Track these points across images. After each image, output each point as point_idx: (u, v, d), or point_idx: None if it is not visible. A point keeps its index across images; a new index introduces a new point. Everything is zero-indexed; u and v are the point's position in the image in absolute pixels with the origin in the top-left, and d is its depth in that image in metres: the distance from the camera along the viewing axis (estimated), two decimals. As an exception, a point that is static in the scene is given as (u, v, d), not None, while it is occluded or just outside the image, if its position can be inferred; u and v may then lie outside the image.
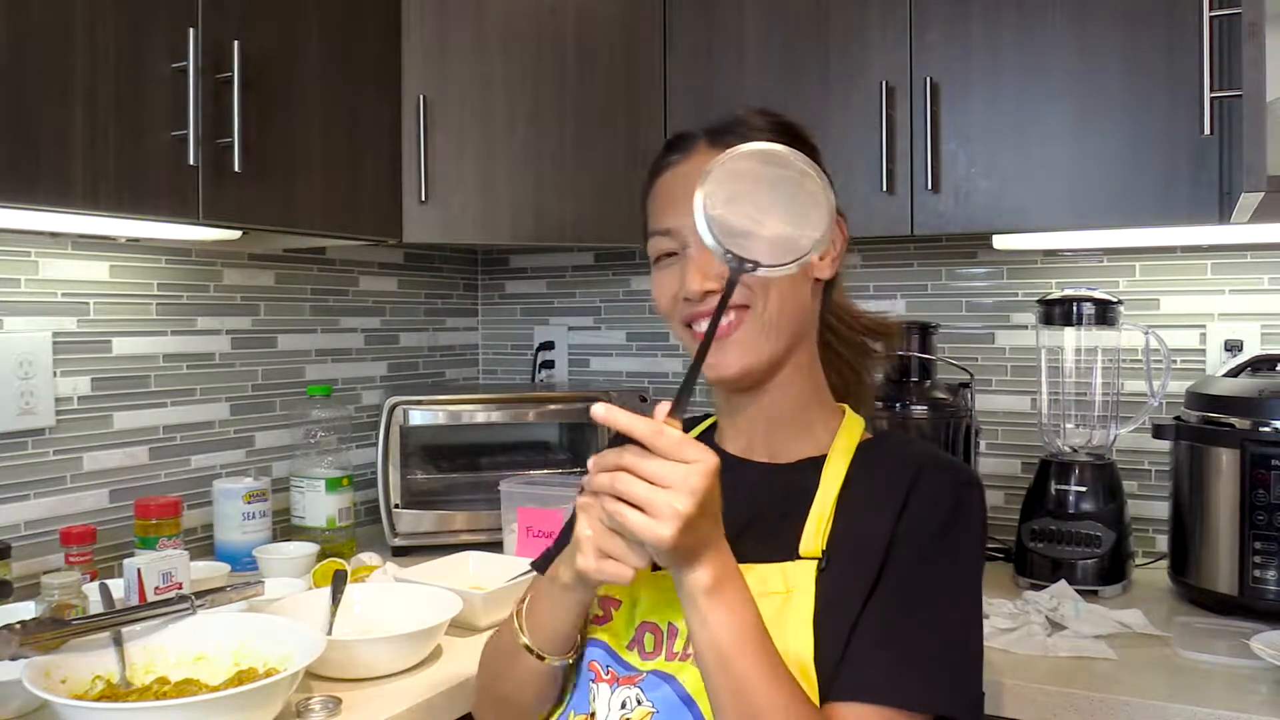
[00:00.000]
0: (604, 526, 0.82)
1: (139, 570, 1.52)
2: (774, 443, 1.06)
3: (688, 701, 0.93)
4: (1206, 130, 1.36)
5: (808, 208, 0.84)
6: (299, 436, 2.04)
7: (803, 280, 1.01)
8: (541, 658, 0.99)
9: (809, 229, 0.83)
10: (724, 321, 0.97)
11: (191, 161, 1.46)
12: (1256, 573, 1.54)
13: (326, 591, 1.53)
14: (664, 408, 0.82)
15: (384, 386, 2.31)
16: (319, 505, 1.96)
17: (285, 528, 2.01)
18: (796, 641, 0.91)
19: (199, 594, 1.39)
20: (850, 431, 1.05)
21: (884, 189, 1.75)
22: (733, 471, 1.02)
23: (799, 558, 0.95)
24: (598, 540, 0.83)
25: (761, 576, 0.94)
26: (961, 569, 0.96)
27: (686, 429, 1.05)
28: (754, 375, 1.02)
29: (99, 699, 1.19)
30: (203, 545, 1.92)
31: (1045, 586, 1.68)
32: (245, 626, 1.34)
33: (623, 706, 0.97)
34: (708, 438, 1.12)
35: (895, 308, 2.14)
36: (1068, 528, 1.73)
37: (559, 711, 1.04)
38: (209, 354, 1.95)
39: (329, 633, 1.45)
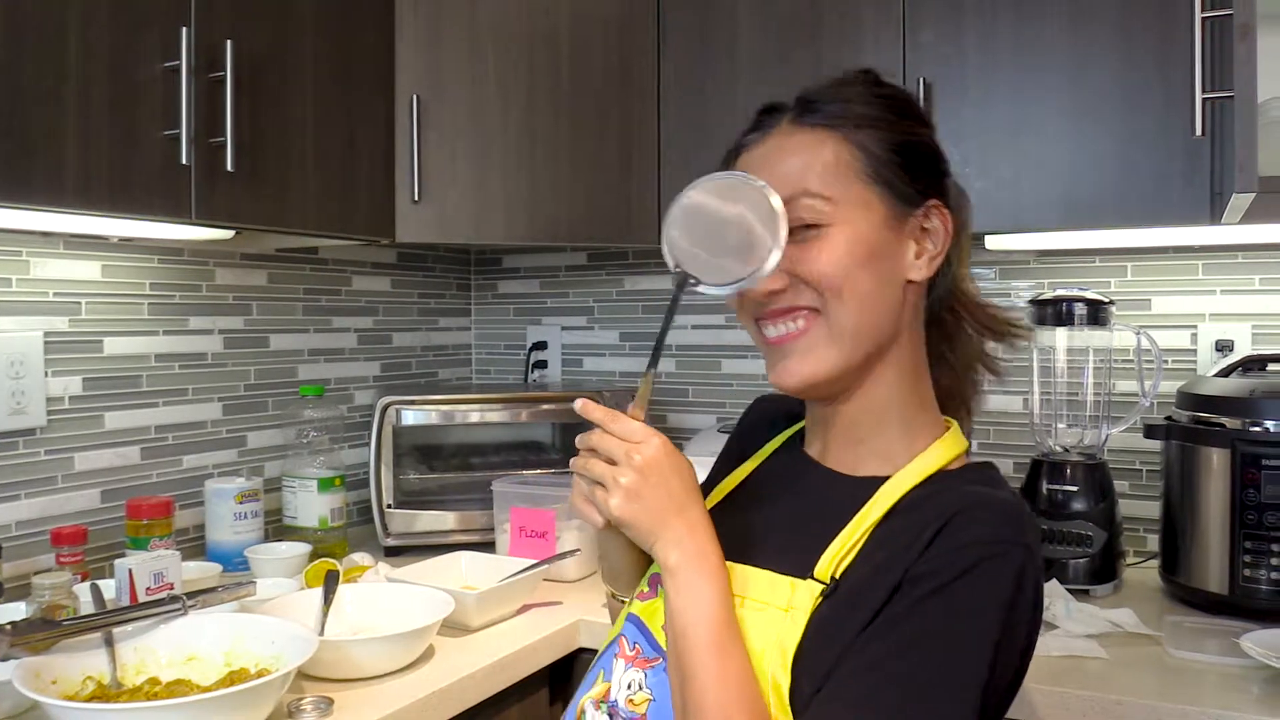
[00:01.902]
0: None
1: (130, 571, 1.52)
2: (846, 452, 0.99)
3: None
4: (1198, 131, 1.37)
5: (752, 240, 0.88)
6: (291, 436, 2.04)
7: (887, 282, 0.92)
8: (614, 595, 1.12)
9: (752, 260, 0.88)
10: (791, 329, 0.93)
11: (184, 161, 1.45)
12: (1247, 572, 1.55)
13: (318, 592, 1.53)
14: (634, 407, 0.92)
15: (376, 386, 2.31)
16: (311, 505, 1.96)
17: (277, 528, 2.01)
18: (775, 659, 0.87)
19: (190, 594, 1.38)
20: (939, 455, 0.95)
21: (877, 189, 1.75)
22: (800, 471, 1.02)
23: (811, 577, 0.89)
24: (582, 489, 0.94)
25: (770, 584, 0.91)
26: (955, 628, 0.82)
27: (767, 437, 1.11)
28: (821, 386, 0.95)
29: (90, 700, 1.19)
30: (194, 545, 1.91)
31: (1037, 586, 1.68)
32: (237, 627, 1.33)
33: (628, 687, 0.96)
34: (795, 440, 1.09)
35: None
36: (1059, 527, 1.73)
37: (590, 667, 1.04)
38: (201, 354, 1.95)
39: (321, 633, 1.44)
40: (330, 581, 1.54)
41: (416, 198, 1.84)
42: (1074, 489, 1.76)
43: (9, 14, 1.26)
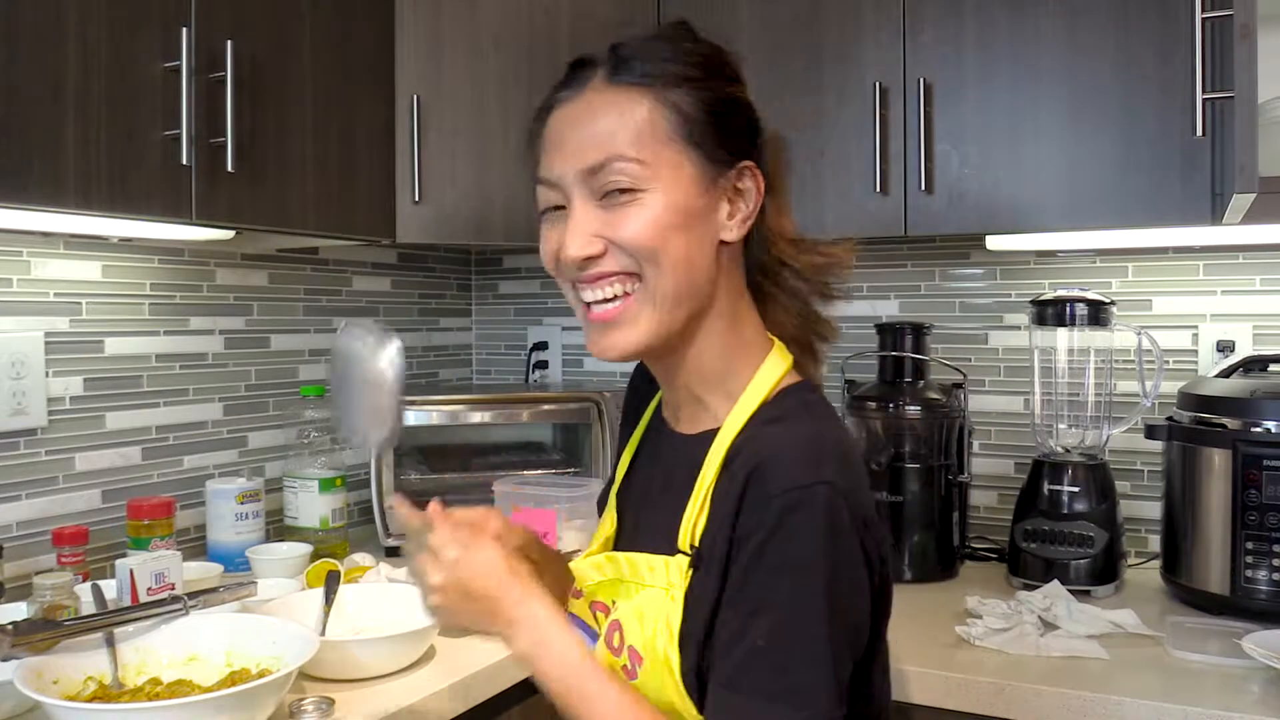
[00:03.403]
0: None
1: (131, 571, 1.52)
2: (690, 412, 1.00)
3: None
4: (1199, 131, 1.37)
5: (375, 411, 0.99)
6: (292, 437, 2.04)
7: (701, 244, 0.91)
8: None
9: (374, 428, 0.99)
10: (610, 306, 0.92)
11: (184, 161, 1.45)
12: (1248, 573, 1.54)
13: (319, 592, 1.53)
14: (435, 504, 0.96)
15: (377, 387, 2.30)
16: (312, 506, 1.96)
17: (278, 528, 2.00)
18: (666, 638, 0.89)
19: (191, 594, 1.38)
20: (756, 389, 0.94)
21: (877, 190, 1.76)
22: (661, 440, 1.05)
23: (678, 551, 0.91)
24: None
25: (649, 566, 0.94)
26: (787, 584, 0.82)
27: (645, 399, 1.10)
28: (641, 354, 0.96)
29: (91, 700, 1.19)
30: (195, 546, 1.91)
31: (1038, 586, 1.68)
32: (238, 627, 1.33)
33: None
34: (661, 405, 1.09)
35: (888, 308, 2.14)
36: (1060, 528, 1.73)
37: None
38: (202, 354, 1.95)
39: (322, 633, 1.44)
40: (331, 582, 1.54)
41: (417, 198, 1.84)
42: (1075, 490, 1.76)
43: (6, 15, 1.26)
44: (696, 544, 0.90)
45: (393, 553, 1.99)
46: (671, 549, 0.93)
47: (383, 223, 1.83)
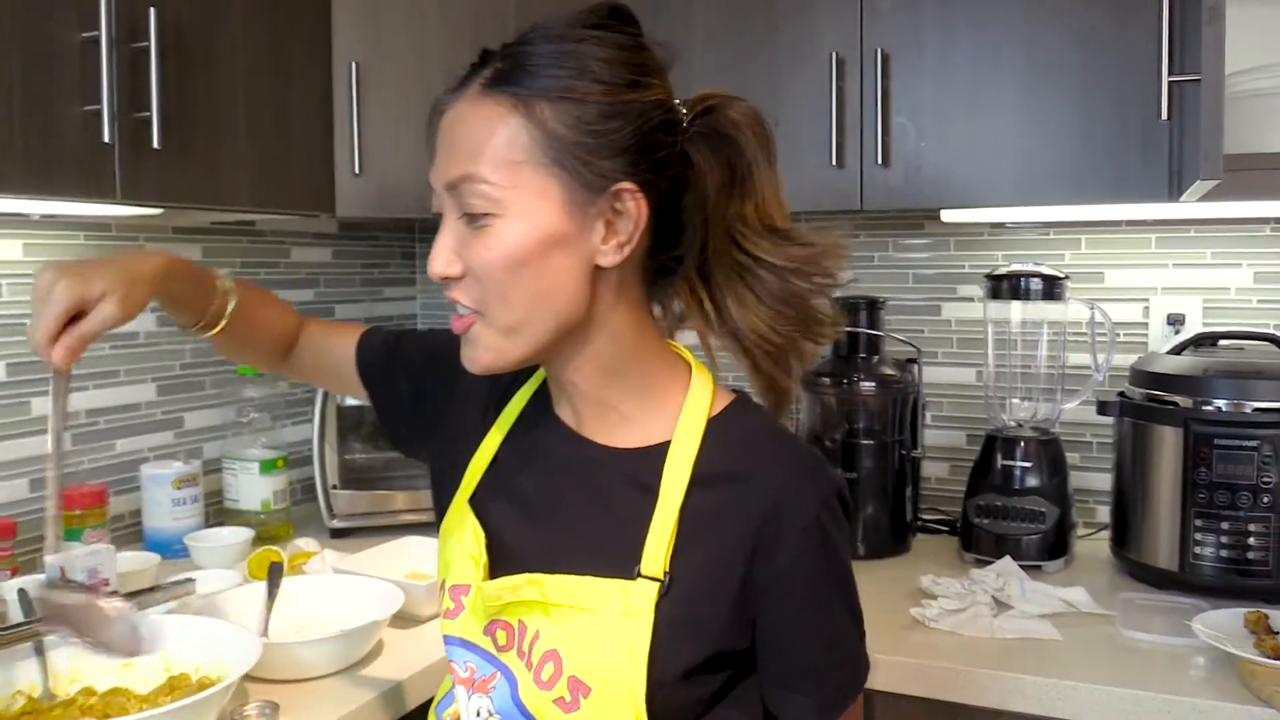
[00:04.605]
0: None
1: (61, 569, 1.45)
2: (602, 420, 0.93)
3: (523, 710, 0.90)
4: (1163, 115, 1.35)
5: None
6: (230, 415, 1.97)
7: (568, 272, 0.85)
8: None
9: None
10: (462, 318, 0.88)
11: (106, 139, 1.37)
12: (1197, 549, 1.56)
13: (262, 586, 1.47)
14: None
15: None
16: (253, 488, 1.90)
17: (217, 509, 1.94)
18: (630, 666, 0.85)
19: (126, 595, 1.33)
20: (696, 406, 0.91)
21: (833, 163, 1.72)
22: (565, 445, 0.95)
23: (640, 576, 0.86)
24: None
25: (601, 592, 0.87)
26: (844, 594, 0.93)
27: (514, 380, 1.02)
28: (510, 369, 0.91)
29: (20, 716, 1.13)
30: (131, 532, 1.84)
31: (990, 562, 1.69)
32: (176, 630, 1.28)
33: (476, 715, 0.93)
34: (543, 395, 1.00)
35: (842, 278, 2.11)
36: (1012, 504, 1.74)
37: (443, 693, 1.03)
38: (132, 333, 1.86)
39: (265, 631, 1.40)
40: (274, 575, 1.49)
41: (358, 170, 1.76)
42: (1027, 465, 1.76)
43: None
44: (668, 569, 0.86)
45: (339, 534, 1.95)
46: (624, 572, 0.87)
47: (321, 196, 1.75)
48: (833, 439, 1.80)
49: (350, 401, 1.95)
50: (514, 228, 0.83)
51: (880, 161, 1.70)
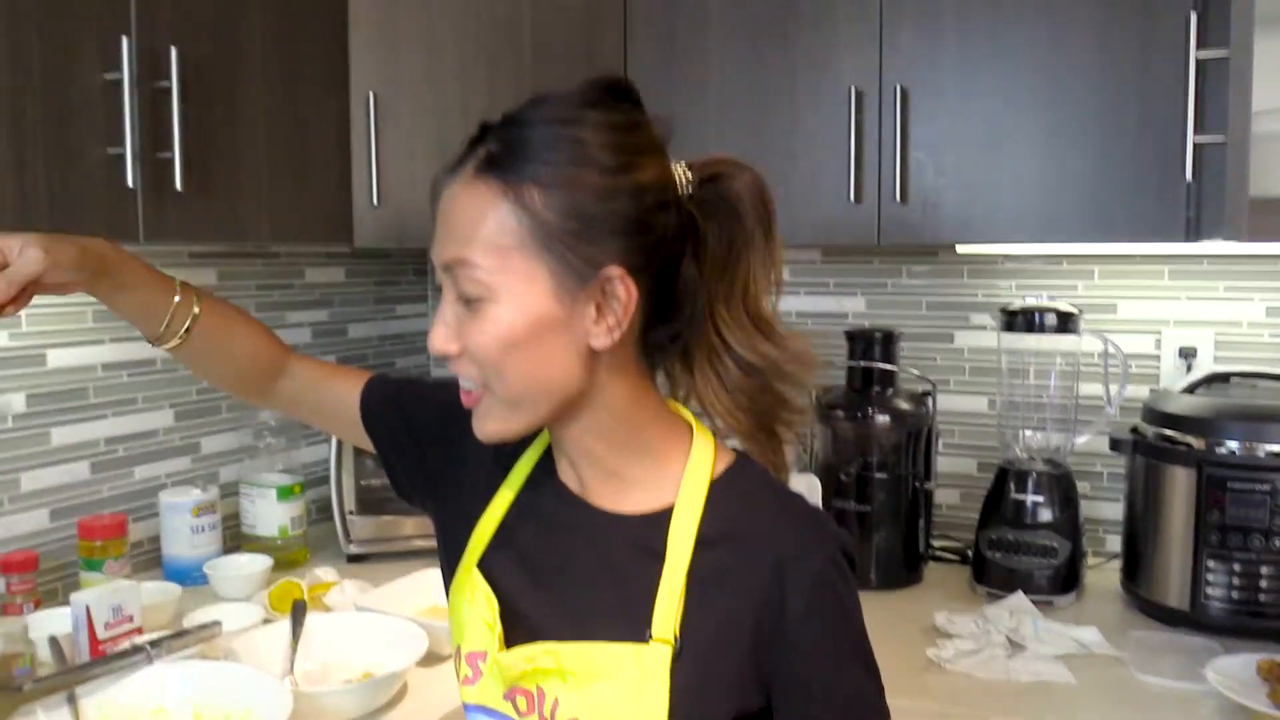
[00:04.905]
0: None
1: (87, 607, 1.47)
2: (606, 486, 0.94)
3: None
4: (1188, 175, 1.35)
5: None
6: (247, 439, 1.98)
7: (560, 353, 0.86)
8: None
9: None
10: (469, 392, 0.88)
11: (130, 183, 1.37)
12: (1209, 590, 1.58)
13: (285, 625, 1.49)
14: None
15: (333, 380, 2.23)
16: (270, 514, 1.91)
17: (234, 533, 1.95)
18: None
19: (154, 642, 1.35)
20: (697, 469, 0.92)
21: (851, 198, 1.72)
22: (570, 512, 0.95)
23: (652, 639, 0.87)
24: None
25: (615, 658, 0.88)
26: (858, 648, 0.90)
27: (521, 440, 0.99)
28: (516, 438, 0.92)
29: (56, 770, 1.15)
30: (149, 558, 1.86)
31: (1002, 595, 1.71)
32: (205, 677, 1.31)
33: None
34: (549, 458, 0.99)
35: (855, 305, 2.13)
36: (1025, 538, 1.75)
37: None
38: (149, 360, 1.86)
39: (291, 670, 1.41)
40: (297, 614, 1.50)
41: (376, 201, 1.76)
42: (1039, 499, 1.78)
43: None
44: (679, 632, 0.87)
45: (355, 559, 1.96)
46: (636, 636, 0.88)
47: (339, 227, 1.76)
48: (847, 472, 1.82)
49: (366, 428, 1.95)
50: (505, 312, 0.84)
51: (898, 198, 1.70)
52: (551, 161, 0.84)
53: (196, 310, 1.06)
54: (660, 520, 0.90)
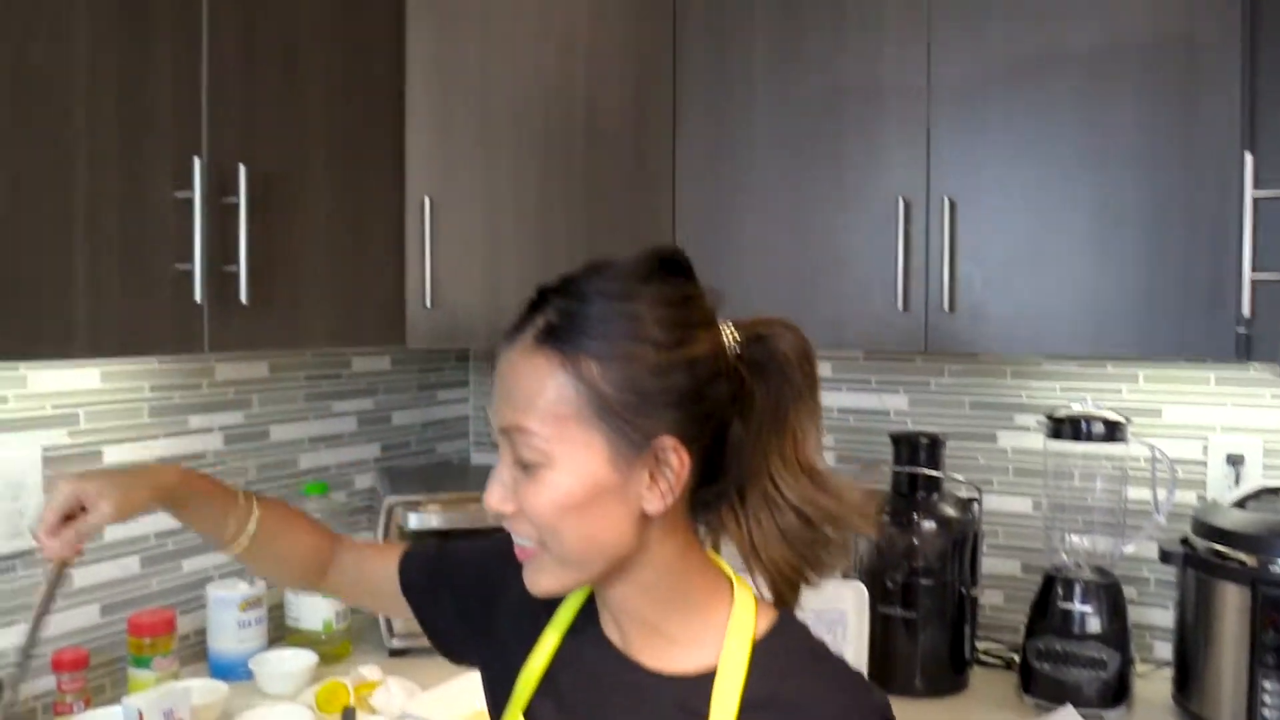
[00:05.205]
0: None
1: (140, 712, 1.48)
2: (648, 642, 0.95)
3: None
4: (1245, 310, 1.36)
5: None
6: (292, 530, 1.99)
7: (615, 517, 0.88)
8: None
9: None
10: (524, 547, 0.90)
11: (198, 299, 1.41)
12: (1265, 711, 1.56)
13: (335, 732, 1.50)
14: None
15: (376, 468, 2.26)
16: (315, 610, 1.91)
17: (278, 623, 1.96)
18: None
19: (209, 755, 1.35)
20: (740, 627, 0.92)
21: (899, 306, 1.74)
22: (612, 668, 0.96)
23: None
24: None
25: None
26: None
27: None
28: (568, 592, 0.95)
29: None
30: (195, 650, 1.87)
31: (1050, 708, 1.69)
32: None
33: None
34: (591, 608, 1.00)
35: (897, 403, 2.13)
36: (1073, 649, 1.74)
37: None
38: (201, 453, 1.89)
39: (340, 783, 1.42)
40: (347, 721, 1.51)
41: (429, 303, 1.79)
42: (1087, 609, 1.76)
43: (12, 160, 1.23)
44: None
45: (397, 654, 1.96)
46: None
47: (392, 329, 1.79)
48: (894, 580, 1.81)
49: (412, 522, 1.97)
50: (561, 478, 0.86)
51: (946, 307, 1.72)
52: (609, 336, 0.86)
53: (254, 522, 1.12)
54: (704, 683, 0.91)
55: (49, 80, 1.26)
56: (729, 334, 0.92)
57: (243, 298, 1.46)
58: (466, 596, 1.11)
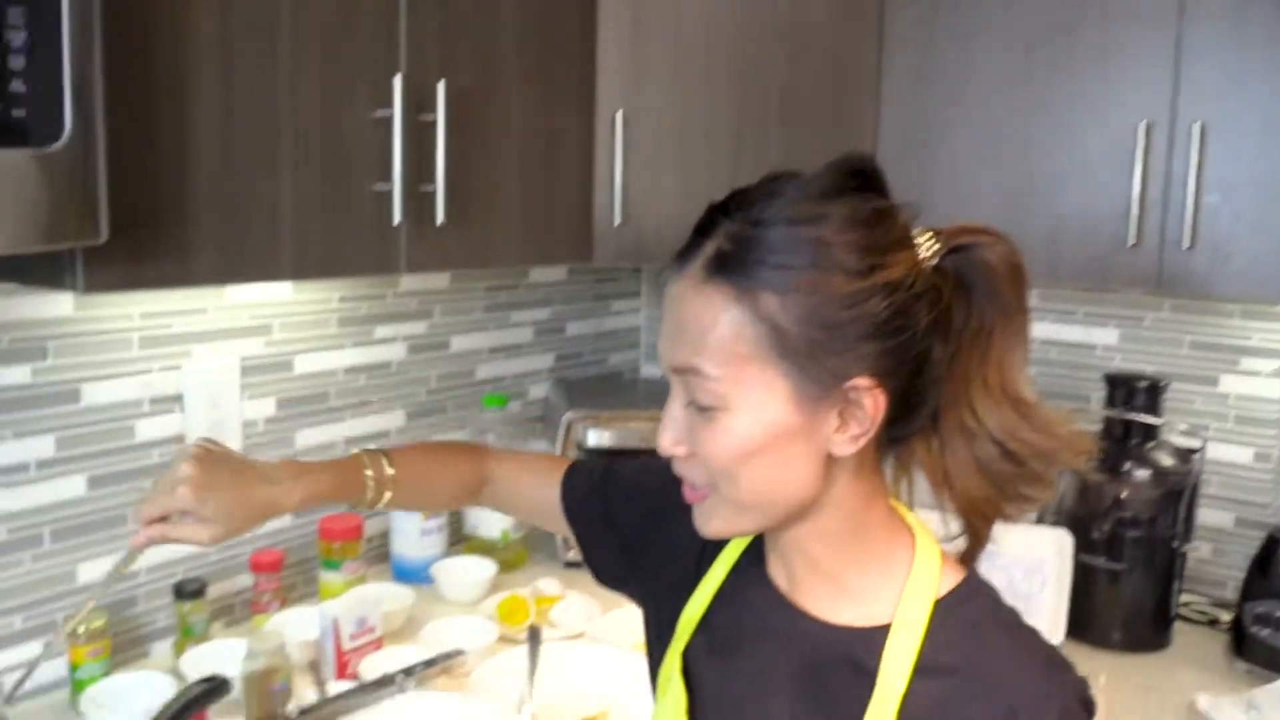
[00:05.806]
0: None
1: (335, 620, 1.53)
2: (818, 589, 0.87)
3: None
4: None
5: None
6: (472, 438, 2.01)
7: (798, 461, 0.80)
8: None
9: None
10: (695, 490, 0.83)
11: (396, 221, 1.38)
12: None
13: (522, 653, 1.52)
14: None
15: (550, 379, 2.25)
16: (493, 520, 1.94)
17: (456, 530, 2.00)
18: None
19: (406, 670, 1.39)
20: (921, 583, 0.84)
21: (1130, 242, 1.58)
22: (782, 615, 0.89)
23: None
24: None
25: None
26: None
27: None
28: (740, 536, 0.90)
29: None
30: (379, 553, 1.92)
31: (1268, 676, 1.58)
32: (451, 710, 1.33)
33: None
34: (757, 548, 0.93)
35: (1106, 338, 1.97)
36: (1299, 619, 1.61)
37: None
38: (385, 363, 1.91)
39: (531, 702, 1.44)
40: (534, 644, 1.53)
41: (618, 220, 1.73)
42: (1318, 575, 1.62)
43: (222, 90, 1.21)
44: None
45: (572, 565, 1.98)
46: None
47: (581, 246, 1.73)
48: (1100, 530, 1.70)
49: (591, 439, 1.95)
50: (740, 422, 0.78)
51: (1185, 244, 1.55)
52: (791, 266, 0.76)
53: (388, 494, 1.07)
54: (875, 638, 0.83)
55: (254, 5, 1.23)
56: (926, 242, 0.80)
57: (439, 217, 1.43)
58: (630, 532, 1.05)
